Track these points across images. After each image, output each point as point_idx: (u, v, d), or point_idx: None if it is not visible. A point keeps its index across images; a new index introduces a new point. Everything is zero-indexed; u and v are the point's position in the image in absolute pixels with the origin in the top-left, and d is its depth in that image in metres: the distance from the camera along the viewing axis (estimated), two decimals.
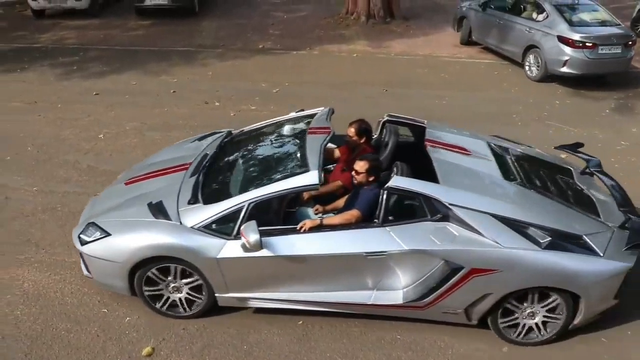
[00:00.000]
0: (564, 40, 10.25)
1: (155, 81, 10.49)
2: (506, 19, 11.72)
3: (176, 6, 15.20)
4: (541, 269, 4.04)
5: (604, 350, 4.43)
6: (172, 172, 5.03)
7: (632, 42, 10.50)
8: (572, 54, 10.16)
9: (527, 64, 11.06)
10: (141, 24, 14.89)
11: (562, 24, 10.47)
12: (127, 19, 15.36)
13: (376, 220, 4.22)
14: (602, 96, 10.24)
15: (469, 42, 13.15)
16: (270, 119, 5.86)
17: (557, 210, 4.41)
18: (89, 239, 4.45)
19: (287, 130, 5.19)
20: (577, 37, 10.16)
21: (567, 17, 10.66)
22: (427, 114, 8.26)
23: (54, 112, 8.87)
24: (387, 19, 15.17)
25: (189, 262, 4.27)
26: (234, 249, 4.18)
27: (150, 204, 4.55)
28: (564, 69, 10.30)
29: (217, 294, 4.45)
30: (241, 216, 4.20)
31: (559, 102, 9.85)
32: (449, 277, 4.13)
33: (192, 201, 4.47)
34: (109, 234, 4.40)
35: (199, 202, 4.44)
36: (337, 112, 5.49)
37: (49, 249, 5.45)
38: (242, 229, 4.07)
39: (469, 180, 4.50)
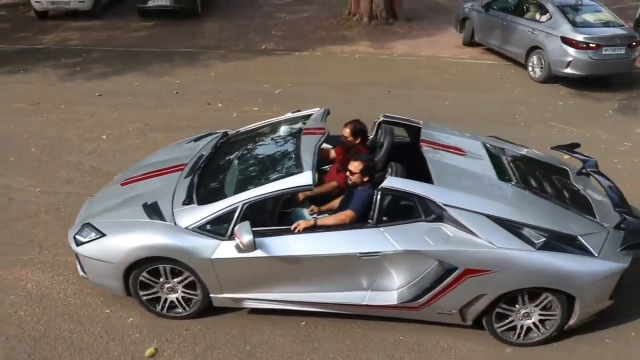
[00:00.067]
0: (567, 41, 10.18)
1: (157, 82, 10.51)
2: (509, 20, 11.66)
3: (179, 7, 15.21)
4: (535, 270, 4.03)
5: (607, 351, 4.41)
6: (168, 173, 5.04)
7: (636, 43, 10.44)
8: (575, 55, 10.09)
9: (531, 65, 10.99)
10: (144, 25, 14.92)
11: (566, 24, 10.40)
12: (129, 20, 15.40)
13: (370, 220, 4.22)
14: (605, 97, 10.18)
15: (471, 43, 13.08)
16: (267, 120, 5.85)
17: (552, 210, 4.39)
18: (84, 240, 4.47)
19: (282, 130, 5.19)
20: (581, 38, 10.09)
21: (570, 18, 10.59)
22: (429, 115, 8.29)
23: (57, 113, 8.91)
24: (390, 20, 15.15)
25: (183, 263, 4.28)
26: (228, 249, 4.19)
27: (145, 204, 4.57)
28: (568, 70, 10.23)
29: (211, 295, 4.45)
30: (235, 217, 4.20)
31: (562, 103, 9.80)
32: (443, 277, 4.12)
33: (187, 202, 4.48)
34: (104, 235, 4.42)
35: (193, 203, 4.45)
36: (339, 113, 5.48)
37: (52, 249, 5.47)
38: (236, 230, 4.08)
39: (463, 180, 4.49)
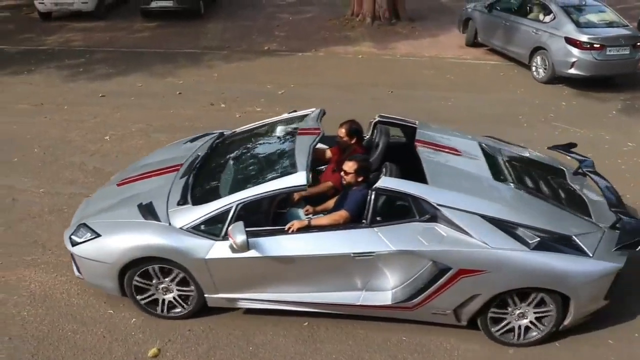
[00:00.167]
0: (571, 41, 10.12)
1: (161, 83, 10.55)
2: (512, 20, 11.60)
3: (182, 8, 15.26)
4: (529, 270, 4.01)
5: (610, 352, 4.38)
6: (164, 174, 5.06)
7: None
8: (579, 55, 10.03)
9: (534, 66, 10.93)
10: (147, 26, 14.99)
11: (569, 25, 10.33)
12: (132, 21, 15.48)
13: (364, 220, 4.22)
14: (608, 97, 10.11)
15: (474, 44, 13.05)
16: (263, 120, 5.85)
17: (547, 210, 4.38)
18: (79, 240, 4.48)
19: (278, 131, 5.20)
20: (585, 39, 10.03)
21: (574, 18, 10.53)
22: (432, 115, 8.30)
23: (61, 114, 8.96)
24: (393, 21, 15.15)
25: (177, 263, 4.29)
26: (222, 249, 4.19)
27: (140, 205, 4.58)
28: (572, 71, 10.17)
29: (206, 295, 4.46)
30: (229, 217, 4.21)
31: (565, 104, 9.75)
32: (437, 277, 4.11)
33: (182, 202, 4.49)
34: (99, 235, 4.43)
35: (188, 203, 4.46)
36: (342, 114, 5.46)
37: (56, 250, 5.47)
38: (229, 230, 4.09)
39: (458, 180, 4.48)
